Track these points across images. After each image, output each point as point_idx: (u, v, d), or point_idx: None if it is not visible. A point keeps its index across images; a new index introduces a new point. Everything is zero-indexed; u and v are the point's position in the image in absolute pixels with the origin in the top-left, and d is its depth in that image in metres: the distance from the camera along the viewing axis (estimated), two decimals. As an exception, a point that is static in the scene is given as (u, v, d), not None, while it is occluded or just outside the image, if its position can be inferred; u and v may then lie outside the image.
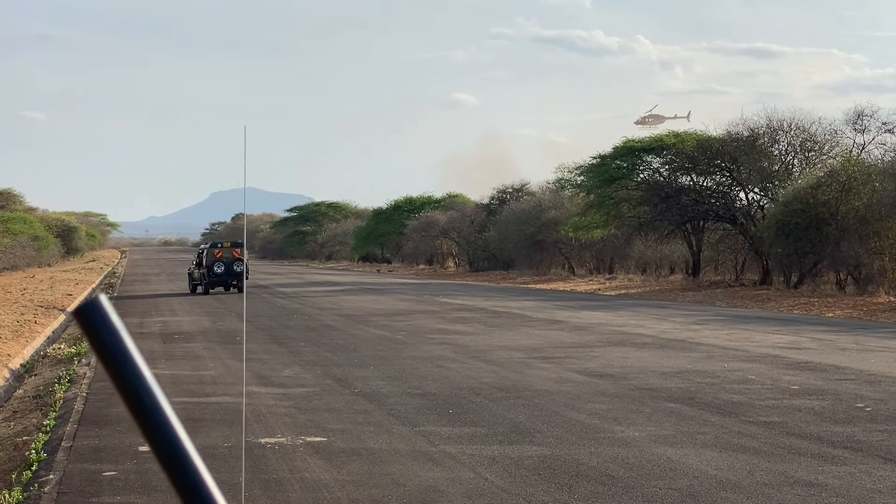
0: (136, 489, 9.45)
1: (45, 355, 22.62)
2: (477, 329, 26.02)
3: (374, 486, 9.42)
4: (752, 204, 47.98)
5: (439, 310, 33.56)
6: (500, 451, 10.88)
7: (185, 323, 29.04)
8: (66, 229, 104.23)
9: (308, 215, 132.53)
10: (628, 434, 11.71)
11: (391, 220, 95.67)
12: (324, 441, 11.48)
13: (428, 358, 19.56)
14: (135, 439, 11.65)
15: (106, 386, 16.03)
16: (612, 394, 14.82)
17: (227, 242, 47.16)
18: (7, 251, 62.30)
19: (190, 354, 20.82)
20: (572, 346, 21.53)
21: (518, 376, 16.81)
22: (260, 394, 15.09)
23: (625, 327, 26.16)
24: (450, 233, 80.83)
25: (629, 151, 53.68)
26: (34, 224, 79.63)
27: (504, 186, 76.72)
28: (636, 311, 32.34)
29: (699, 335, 23.87)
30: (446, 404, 13.95)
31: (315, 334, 25.05)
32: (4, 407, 16.26)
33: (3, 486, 10.05)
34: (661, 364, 18.29)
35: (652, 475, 9.71)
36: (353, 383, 16.18)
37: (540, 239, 61.97)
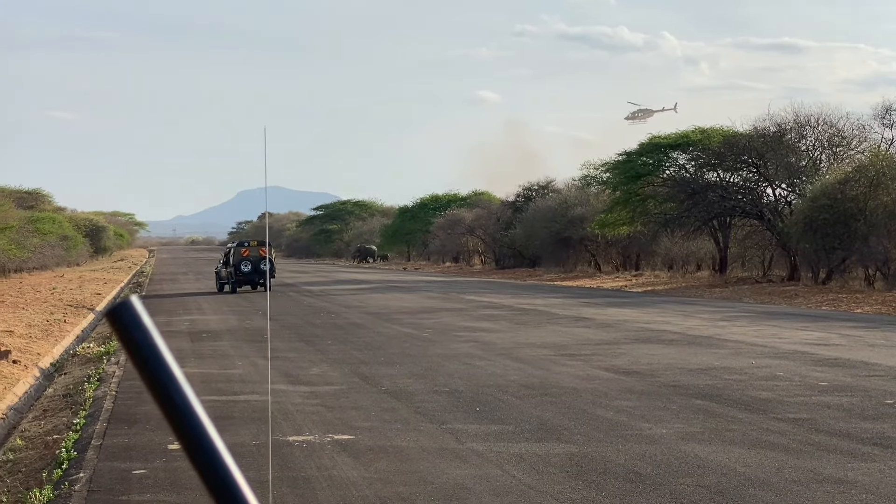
0: (166, 487, 9.50)
1: (75, 354, 22.77)
2: (503, 326, 26.01)
3: (401, 483, 9.44)
4: (779, 200, 47.73)
5: (466, 307, 33.57)
6: (528, 448, 10.88)
7: (213, 321, 29.16)
8: (94, 229, 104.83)
9: (334, 214, 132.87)
10: (656, 431, 11.69)
11: (417, 218, 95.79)
12: (351, 439, 11.51)
13: (455, 356, 19.57)
14: (164, 437, 11.72)
15: (135, 385, 16.13)
16: (640, 391, 14.79)
17: (254, 241, 47.29)
18: (36, 251, 62.69)
19: (218, 353, 20.91)
20: (599, 343, 21.50)
21: (545, 374, 16.80)
22: (287, 392, 15.14)
23: (651, 324, 26.10)
24: (476, 230, 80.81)
25: (655, 148, 53.49)
26: (63, 224, 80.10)
27: (530, 184, 76.66)
28: (663, 308, 32.25)
29: (726, 332, 23.78)
30: (473, 402, 13.96)
31: (342, 332, 25.10)
32: (35, 406, 16.39)
33: (34, 484, 10.14)
34: (688, 361, 18.23)
35: (680, 472, 9.69)
36: (380, 381, 16.21)
37: (566, 236, 61.86)
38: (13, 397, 16.36)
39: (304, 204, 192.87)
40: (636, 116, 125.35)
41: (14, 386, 17.08)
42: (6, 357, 19.50)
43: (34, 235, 62.53)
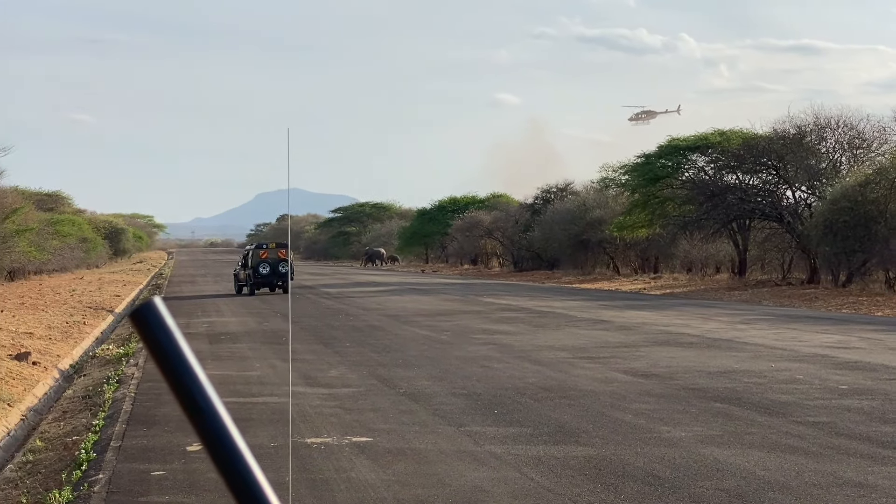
0: (185, 489, 9.52)
1: (94, 356, 22.85)
2: (522, 329, 25.98)
3: (419, 486, 9.44)
4: (799, 202, 47.54)
5: (484, 310, 33.55)
6: (546, 451, 10.86)
7: (232, 323, 29.22)
8: (113, 231, 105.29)
9: (352, 216, 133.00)
10: (675, 434, 11.65)
11: (435, 221, 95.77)
12: (369, 441, 11.51)
13: (473, 358, 19.56)
14: (183, 439, 11.75)
15: (153, 386, 16.18)
16: (658, 394, 14.75)
17: (273, 243, 47.38)
18: (56, 253, 62.95)
19: (236, 355, 20.95)
20: (617, 346, 21.45)
21: (563, 376, 16.77)
22: (306, 394, 15.16)
23: (670, 327, 26.03)
24: (494, 233, 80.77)
25: (674, 150, 53.36)
26: (83, 226, 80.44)
27: (548, 186, 76.60)
28: (682, 311, 32.16)
29: (746, 335, 23.69)
30: (491, 404, 13.94)
31: (360, 334, 25.12)
32: (54, 407, 16.45)
33: (53, 485, 10.17)
34: (707, 364, 18.17)
35: (699, 476, 9.66)
36: (399, 383, 16.21)
37: (584, 238, 61.77)
38: (33, 399, 16.43)
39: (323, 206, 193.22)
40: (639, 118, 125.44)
41: (34, 387, 17.15)
42: (26, 359, 19.58)
43: (54, 237, 62.81)
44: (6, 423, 14.07)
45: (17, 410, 15.05)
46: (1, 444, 13.00)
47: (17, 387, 16.60)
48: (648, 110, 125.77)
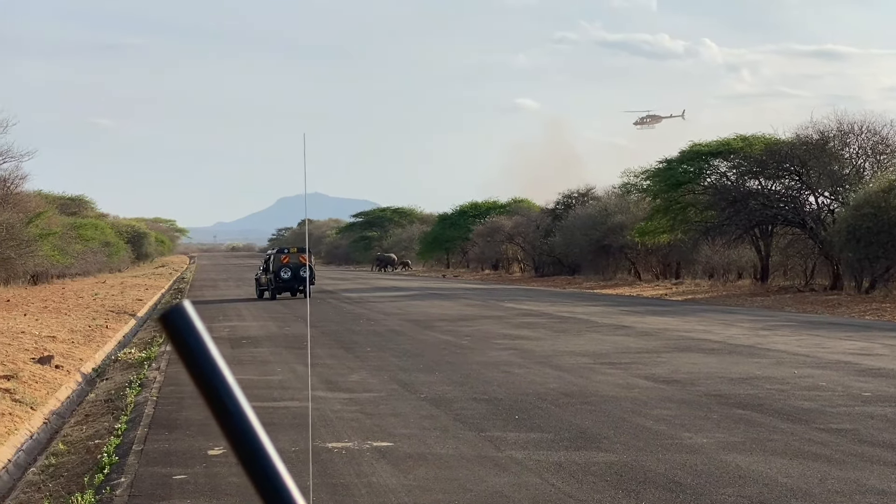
0: (206, 492, 9.54)
1: (116, 360, 22.94)
2: (543, 334, 25.94)
3: (440, 491, 9.43)
4: (821, 208, 47.30)
5: (505, 315, 33.52)
6: (567, 456, 10.84)
7: (253, 328, 29.29)
8: (136, 235, 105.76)
9: (374, 220, 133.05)
10: (696, 441, 11.61)
11: (456, 226, 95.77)
12: (390, 446, 11.51)
13: (494, 363, 19.54)
14: (204, 443, 11.79)
15: (175, 390, 16.23)
16: (680, 400, 14.70)
17: (294, 248, 47.45)
18: (79, 257, 63.24)
19: (257, 359, 21.00)
20: (639, 352, 21.39)
21: (584, 382, 16.74)
22: (327, 398, 15.17)
23: (692, 333, 25.94)
24: (515, 238, 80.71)
25: (696, 155, 53.20)
26: (105, 230, 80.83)
27: (570, 191, 76.52)
28: (703, 317, 32.05)
29: (768, 341, 23.59)
30: (512, 410, 13.93)
31: (381, 339, 25.13)
32: (77, 410, 16.52)
33: (76, 488, 10.21)
34: (729, 370, 18.10)
35: (721, 482, 9.61)
36: (419, 388, 16.21)
37: (606, 244, 61.64)
38: (56, 402, 16.50)
39: (344, 211, 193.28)
40: (644, 122, 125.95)
41: (56, 391, 17.23)
42: (49, 362, 19.67)
43: (77, 242, 63.13)
44: (29, 426, 14.14)
45: (39, 414, 15.12)
46: (24, 448, 13.06)
47: (40, 390, 16.68)
48: (653, 115, 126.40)
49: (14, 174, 49.90)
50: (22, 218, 49.01)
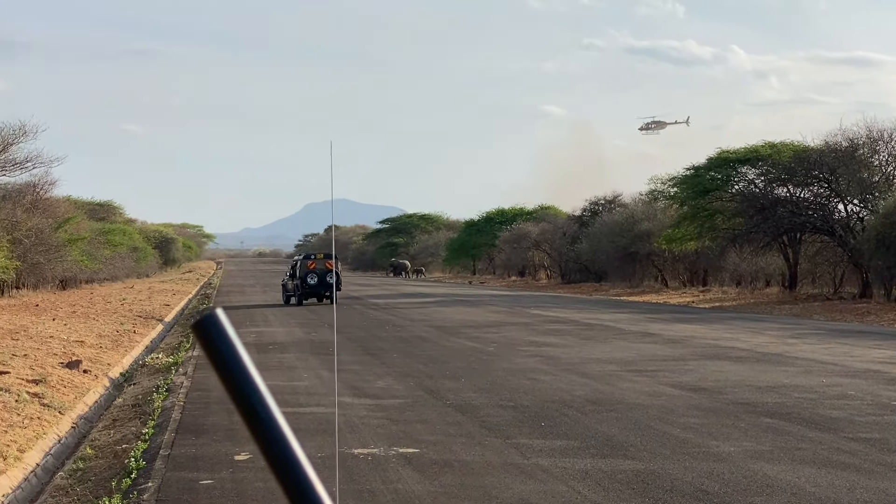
0: (232, 498, 9.56)
1: (144, 364, 23.04)
2: (569, 341, 25.89)
3: (466, 498, 9.42)
4: (851, 216, 47.00)
5: (531, 322, 33.47)
6: (593, 464, 10.80)
7: (280, 333, 29.36)
8: (163, 240, 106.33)
9: (400, 227, 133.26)
10: (723, 449, 11.55)
11: (483, 232, 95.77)
12: (416, 452, 11.51)
13: (520, 370, 19.51)
14: (231, 448, 11.82)
15: (202, 396, 16.29)
16: (707, 408, 14.63)
17: (321, 254, 47.55)
18: (107, 262, 63.64)
19: (284, 365, 21.04)
20: (665, 360, 21.31)
21: (611, 389, 16.69)
22: (353, 404, 15.18)
23: (719, 340, 25.82)
24: (542, 244, 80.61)
25: (723, 162, 53.00)
26: (133, 235, 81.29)
27: (596, 198, 76.40)
28: (731, 325, 31.90)
29: (796, 349, 23.46)
30: (538, 417, 13.90)
31: (407, 345, 25.14)
32: (105, 415, 16.60)
33: (103, 493, 10.25)
34: (756, 378, 18.00)
35: (748, 491, 9.56)
36: (445, 395, 16.20)
37: (633, 251, 61.48)
38: (84, 407, 16.59)
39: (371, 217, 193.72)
40: (650, 128, 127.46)
41: (84, 395, 17.32)
42: (77, 367, 19.78)
43: (105, 247, 63.52)
44: (57, 430, 14.22)
45: (68, 418, 15.20)
46: (52, 452, 13.13)
47: (68, 395, 16.77)
48: (658, 121, 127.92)
49: (44, 180, 50.24)
50: (51, 223, 49.36)
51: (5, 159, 42.25)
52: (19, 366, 18.76)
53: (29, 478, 11.58)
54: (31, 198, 49.30)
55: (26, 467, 11.82)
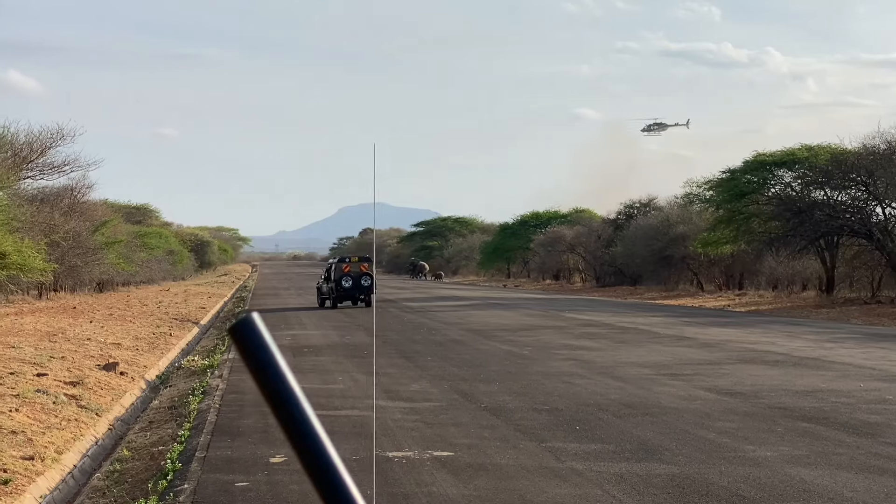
0: (268, 500, 9.60)
1: (180, 367, 23.18)
2: (604, 345, 25.81)
3: (500, 501, 9.41)
4: (889, 219, 46.58)
5: (566, 325, 33.40)
6: (628, 468, 10.76)
7: (314, 337, 29.45)
8: (199, 243, 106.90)
9: (435, 230, 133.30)
10: (760, 454, 11.47)
11: (517, 235, 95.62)
12: (451, 455, 11.51)
13: (554, 374, 19.47)
14: (266, 451, 11.86)
15: (237, 398, 16.36)
16: (743, 412, 14.54)
17: (355, 257, 47.65)
18: (144, 265, 64.09)
19: (319, 368, 21.10)
20: (701, 363, 21.20)
21: (645, 393, 16.62)
22: (388, 408, 15.20)
23: (755, 344, 25.65)
24: (576, 248, 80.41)
25: (760, 165, 52.70)
26: (169, 238, 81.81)
27: (631, 201, 76.14)
28: (767, 328, 31.70)
29: (833, 353, 23.27)
30: (573, 420, 13.86)
31: (441, 349, 25.15)
32: (141, 417, 16.71)
33: (140, 494, 10.32)
34: (793, 382, 17.88)
35: (785, 496, 9.49)
36: (480, 398, 16.19)
37: (668, 254, 61.22)
38: (120, 409, 16.71)
39: (405, 220, 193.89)
40: (651, 129, 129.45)
41: (121, 397, 17.44)
42: (114, 369, 19.93)
43: (142, 250, 63.97)
44: (95, 432, 14.33)
45: (105, 420, 15.32)
46: (89, 454, 13.23)
47: (105, 397, 16.90)
48: (660, 122, 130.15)
49: (81, 183, 50.68)
50: (88, 226, 49.77)
51: (43, 163, 42.63)
52: (57, 368, 18.92)
53: (66, 479, 11.68)
54: (68, 201, 49.72)
55: (64, 468, 11.91)
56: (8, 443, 12.05)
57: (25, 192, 42.37)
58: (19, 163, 40.28)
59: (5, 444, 11.93)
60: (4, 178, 33.64)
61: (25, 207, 36.79)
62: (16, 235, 30.93)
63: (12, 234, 30.42)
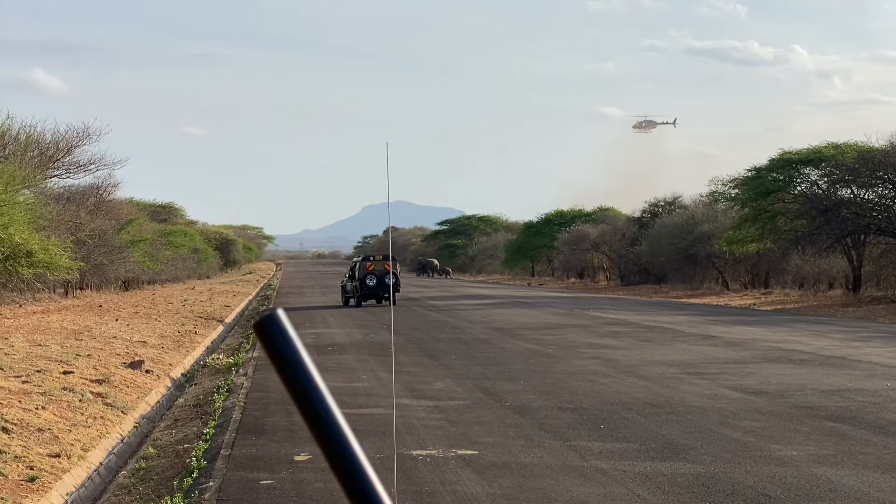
0: (292, 498, 9.62)
1: (205, 365, 23.25)
2: (628, 344, 25.74)
3: (525, 500, 9.39)
4: (916, 217, 46.25)
5: (590, 324, 33.33)
6: (653, 467, 10.73)
7: (338, 335, 29.49)
8: (224, 242, 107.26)
9: (459, 228, 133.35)
10: (786, 453, 11.41)
11: (542, 234, 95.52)
12: (475, 454, 11.50)
13: (579, 372, 19.44)
14: (290, 449, 11.89)
15: (262, 396, 16.40)
16: (769, 411, 14.47)
17: (379, 255, 47.70)
18: (169, 263, 64.35)
19: (343, 366, 21.13)
20: (726, 362, 21.11)
21: (670, 392, 16.56)
22: (412, 406, 15.21)
23: (781, 343, 25.53)
24: (601, 246, 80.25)
25: (786, 163, 52.42)
26: (194, 237, 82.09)
27: (656, 200, 75.93)
28: (793, 327, 31.54)
29: (860, 352, 23.13)
30: (597, 419, 13.83)
31: (466, 347, 25.14)
32: (166, 415, 16.77)
33: (165, 492, 10.36)
34: (819, 381, 17.78)
35: (811, 496, 9.44)
36: (504, 397, 16.17)
37: (693, 253, 61.00)
38: (146, 406, 16.78)
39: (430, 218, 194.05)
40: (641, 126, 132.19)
41: (147, 395, 17.52)
42: (139, 367, 20.01)
43: (167, 248, 64.24)
44: (120, 430, 14.40)
45: (130, 418, 15.39)
46: (115, 451, 13.29)
47: (130, 395, 16.98)
48: (649, 120, 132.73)
49: (106, 182, 50.95)
50: (114, 225, 50.03)
51: (69, 162, 42.88)
52: (83, 366, 19.03)
53: (92, 476, 11.74)
54: (94, 199, 50.00)
55: (90, 466, 11.97)
56: (35, 440, 12.12)
57: (52, 191, 42.63)
58: (46, 162, 40.53)
59: (32, 442, 12.01)
60: (31, 177, 33.84)
61: (52, 206, 37.00)
62: (42, 234, 31.11)
63: (39, 232, 30.60)
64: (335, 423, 1.37)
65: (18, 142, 38.66)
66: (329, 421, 1.37)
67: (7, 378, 16.25)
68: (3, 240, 27.97)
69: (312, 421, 1.37)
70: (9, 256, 28.58)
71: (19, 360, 18.67)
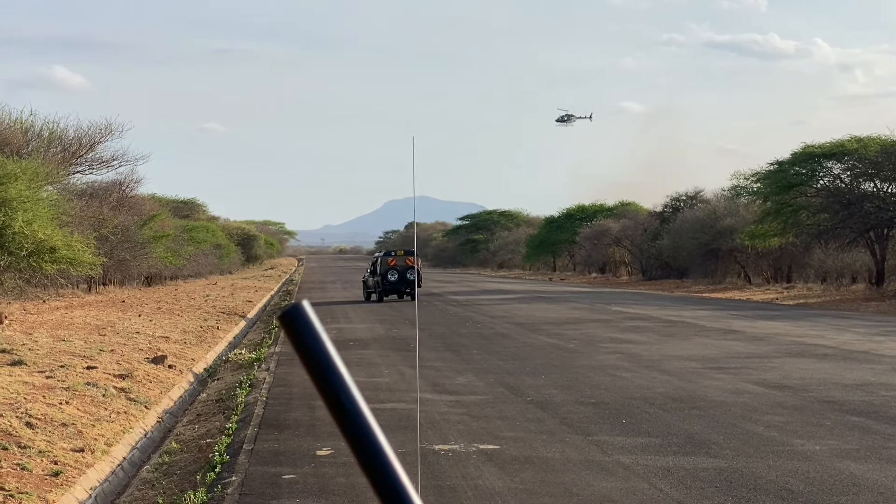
0: (315, 492, 9.65)
1: (227, 360, 23.32)
2: (650, 338, 25.69)
3: (546, 494, 9.39)
4: (939, 210, 45.96)
5: (612, 319, 33.27)
6: (675, 462, 10.71)
7: (360, 330, 29.54)
8: (246, 238, 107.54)
9: (480, 223, 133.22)
10: (809, 447, 11.37)
11: (563, 229, 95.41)
12: (496, 449, 11.50)
13: (600, 367, 19.41)
14: (313, 443, 11.92)
15: (284, 391, 16.45)
16: (792, 406, 14.42)
17: (401, 251, 47.74)
18: (191, 259, 64.54)
19: (365, 361, 21.16)
20: (749, 357, 21.05)
21: (692, 386, 16.53)
22: (434, 401, 15.23)
23: (804, 338, 25.43)
24: (622, 241, 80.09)
25: (808, 157, 52.14)
26: (216, 233, 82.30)
27: (678, 194, 75.71)
28: (816, 322, 31.40)
29: (884, 347, 23.02)
30: (619, 414, 13.82)
31: (487, 342, 25.14)
32: (189, 410, 16.84)
33: (188, 486, 10.41)
34: (842, 376, 17.70)
35: (834, 490, 9.41)
36: (526, 391, 16.17)
37: (714, 247, 60.80)
38: (169, 401, 16.85)
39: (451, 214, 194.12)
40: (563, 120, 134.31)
41: (170, 390, 17.59)
42: (162, 362, 20.10)
43: (189, 244, 64.42)
44: (143, 424, 14.47)
45: (153, 413, 15.46)
46: (138, 446, 13.36)
47: (153, 389, 17.05)
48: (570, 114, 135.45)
49: (129, 178, 51.20)
50: (136, 221, 50.22)
51: (92, 158, 43.09)
52: (106, 361, 19.12)
53: (116, 471, 11.80)
54: (117, 195, 50.21)
55: (113, 460, 12.04)
56: (59, 435, 12.20)
57: (75, 187, 42.87)
58: (69, 158, 40.73)
59: (56, 437, 12.08)
60: (54, 173, 34.01)
61: (75, 202, 37.20)
62: (66, 230, 31.27)
63: (62, 228, 30.75)
64: (361, 415, 1.37)
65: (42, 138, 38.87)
66: (355, 413, 1.37)
67: (31, 373, 16.36)
68: (26, 236, 28.13)
69: (338, 413, 1.37)
70: (32, 252, 28.74)
71: (43, 355, 18.78)
